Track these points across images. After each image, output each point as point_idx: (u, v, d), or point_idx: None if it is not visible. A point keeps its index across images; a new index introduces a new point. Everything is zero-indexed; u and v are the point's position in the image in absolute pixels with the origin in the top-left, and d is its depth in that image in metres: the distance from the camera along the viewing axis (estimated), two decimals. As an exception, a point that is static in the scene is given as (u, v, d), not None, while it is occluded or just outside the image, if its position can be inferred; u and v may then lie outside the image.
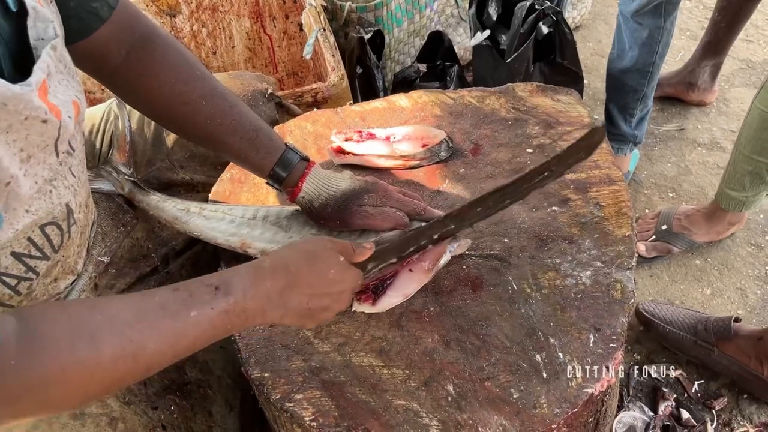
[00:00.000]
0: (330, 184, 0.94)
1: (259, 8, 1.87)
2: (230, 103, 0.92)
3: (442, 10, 2.17)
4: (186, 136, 0.99)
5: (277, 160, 0.93)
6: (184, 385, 1.01)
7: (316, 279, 0.74)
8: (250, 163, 0.94)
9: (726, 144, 2.10)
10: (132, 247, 1.03)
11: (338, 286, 0.76)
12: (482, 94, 1.25)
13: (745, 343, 1.44)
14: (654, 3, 1.67)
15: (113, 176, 1.05)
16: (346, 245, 0.80)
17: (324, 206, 0.93)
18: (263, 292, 0.69)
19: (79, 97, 0.76)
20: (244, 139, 0.92)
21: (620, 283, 0.92)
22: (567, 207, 1.03)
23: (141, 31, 0.89)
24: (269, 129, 0.95)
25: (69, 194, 0.78)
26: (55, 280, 0.84)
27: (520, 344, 0.86)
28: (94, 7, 0.81)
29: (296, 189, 0.94)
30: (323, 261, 0.76)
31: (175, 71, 0.89)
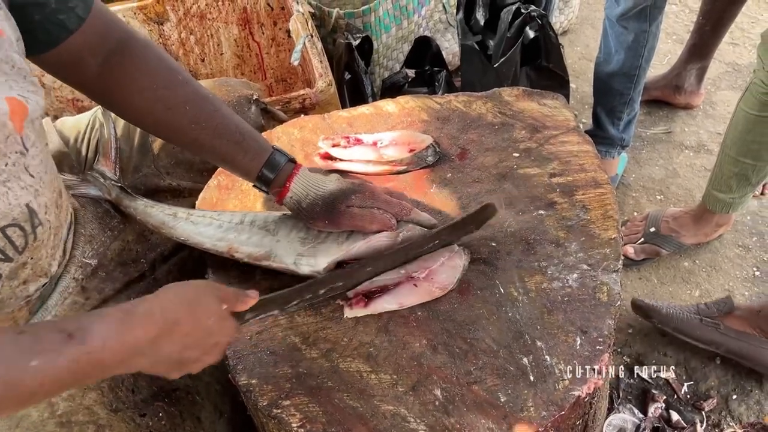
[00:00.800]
0: (318, 185, 0.94)
1: (247, 15, 1.88)
2: (214, 106, 0.91)
3: (429, 15, 2.18)
4: (171, 141, 0.98)
5: (264, 161, 0.93)
6: (173, 391, 1.01)
7: (192, 328, 0.69)
8: (237, 165, 0.94)
9: (713, 146, 2.12)
10: (122, 250, 1.03)
11: (213, 338, 0.73)
12: (469, 99, 1.25)
13: (748, 316, 1.46)
14: (639, 7, 1.68)
15: (100, 181, 1.05)
16: (228, 292, 0.76)
17: (312, 206, 0.93)
18: (131, 342, 0.63)
19: (27, 97, 0.75)
20: (230, 141, 0.91)
21: (606, 286, 0.92)
22: (553, 210, 1.04)
23: (117, 37, 0.88)
24: (254, 131, 0.95)
25: (28, 195, 0.78)
26: (24, 282, 0.84)
27: (508, 348, 0.87)
28: (61, 19, 0.81)
29: (284, 189, 0.93)
30: (204, 307, 0.71)
31: (156, 76, 0.88)
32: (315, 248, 0.93)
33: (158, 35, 1.82)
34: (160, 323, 0.66)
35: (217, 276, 1.00)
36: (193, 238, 0.98)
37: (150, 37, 1.81)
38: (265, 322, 0.91)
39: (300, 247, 0.93)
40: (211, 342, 0.72)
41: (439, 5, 2.19)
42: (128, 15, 1.75)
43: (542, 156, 1.13)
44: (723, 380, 1.50)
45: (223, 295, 0.74)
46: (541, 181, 1.08)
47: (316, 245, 0.93)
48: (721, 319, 1.47)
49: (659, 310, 1.52)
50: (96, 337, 0.60)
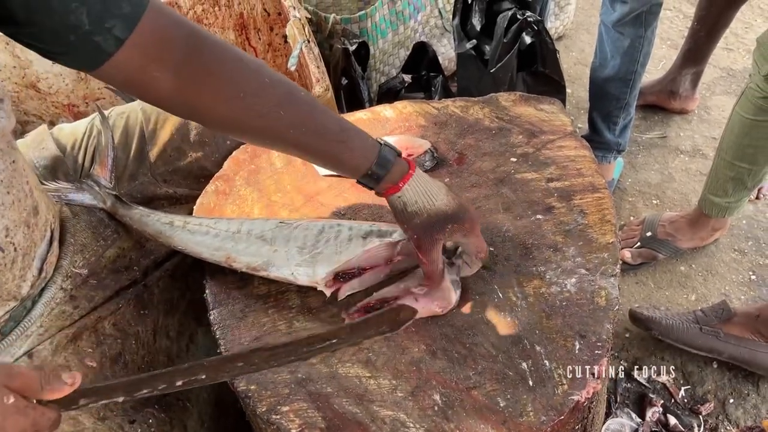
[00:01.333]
0: (429, 194, 0.87)
1: (244, 21, 1.88)
2: (310, 105, 0.83)
3: (426, 21, 2.19)
4: (272, 147, 0.91)
5: (375, 159, 0.85)
6: (163, 397, 1.00)
7: None
8: (344, 165, 0.87)
9: (708, 151, 2.13)
10: (117, 257, 1.02)
11: None
12: (466, 104, 1.26)
13: (746, 321, 1.47)
14: (635, 13, 1.69)
15: (95, 190, 1.05)
16: (28, 380, 0.63)
17: (414, 215, 0.87)
18: None
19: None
20: (334, 141, 0.84)
21: (605, 290, 0.93)
22: (551, 215, 1.04)
23: (182, 44, 0.75)
24: (355, 126, 0.87)
25: None
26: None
27: (506, 352, 0.87)
28: (96, 42, 0.70)
29: (395, 188, 0.87)
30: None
31: (239, 82, 0.78)
32: (313, 258, 0.92)
33: (155, 41, 1.81)
34: None
35: (214, 282, 1.00)
36: (190, 247, 0.98)
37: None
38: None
39: (298, 257, 0.93)
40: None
41: (435, 11, 2.20)
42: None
43: (539, 161, 1.13)
44: (720, 384, 1.50)
45: (18, 384, 0.62)
46: (538, 185, 1.09)
47: (314, 255, 0.93)
48: (720, 326, 1.47)
49: (659, 322, 1.52)
50: None
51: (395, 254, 0.95)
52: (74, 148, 1.13)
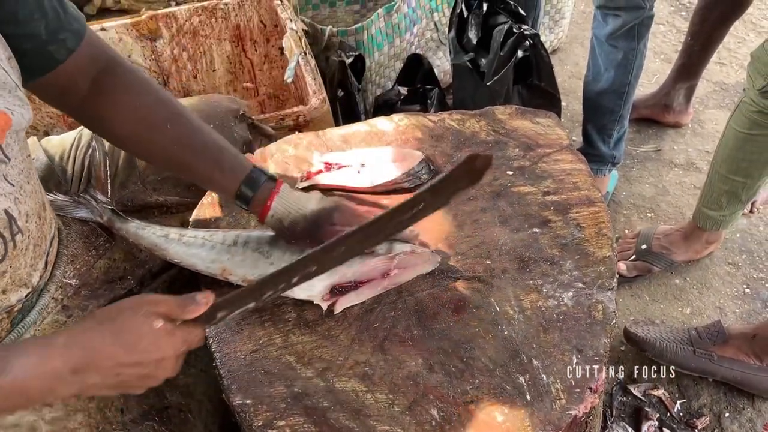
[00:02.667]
0: (299, 203, 0.94)
1: (240, 32, 1.88)
2: (194, 125, 0.93)
3: (421, 34, 2.20)
4: (152, 160, 1.00)
5: (243, 179, 0.94)
6: (164, 409, 0.99)
7: (122, 352, 0.68)
8: (216, 183, 0.96)
9: (701, 164, 2.14)
10: (109, 268, 1.02)
11: (154, 355, 0.70)
12: (463, 117, 1.26)
13: (741, 343, 1.46)
14: (627, 26, 1.71)
15: (92, 204, 1.05)
16: (169, 304, 0.73)
17: (294, 225, 0.93)
18: (51, 372, 0.64)
19: (12, 110, 0.76)
20: (209, 159, 0.93)
21: (602, 304, 0.93)
22: (547, 228, 1.04)
23: (104, 62, 0.91)
24: (235, 150, 0.96)
25: (7, 201, 0.78)
26: (3, 291, 0.83)
27: (504, 367, 0.86)
28: (50, 51, 0.84)
29: (265, 208, 0.94)
30: (131, 332, 0.69)
31: (139, 98, 0.91)
32: None
33: (151, 52, 1.82)
34: (78, 354, 0.66)
35: (210, 294, 0.99)
36: (186, 260, 0.98)
37: (142, 53, 1.81)
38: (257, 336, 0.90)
39: (294, 270, 0.92)
40: (152, 359, 0.70)
41: (430, 24, 2.21)
42: (121, 32, 1.75)
43: (536, 174, 1.13)
44: (715, 398, 1.50)
45: (162, 310, 0.72)
46: (535, 199, 1.09)
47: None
48: (714, 349, 1.47)
49: (653, 344, 1.52)
50: (18, 365, 0.63)
51: (392, 268, 0.94)
52: (63, 159, 1.14)
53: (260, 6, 1.84)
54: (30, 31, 0.80)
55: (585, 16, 2.87)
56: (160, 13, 1.77)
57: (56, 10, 0.83)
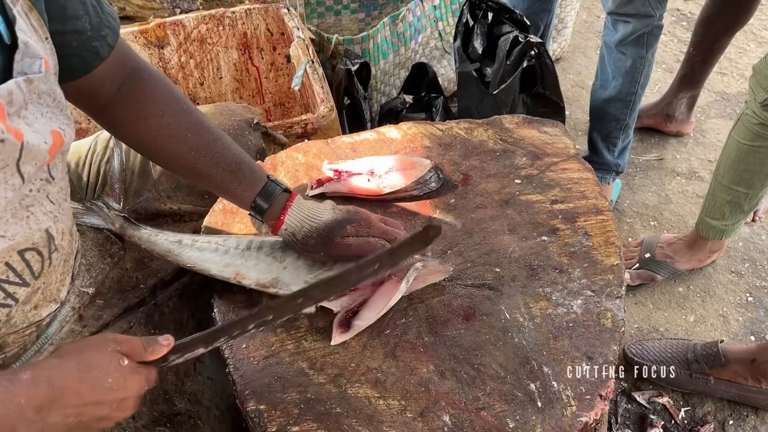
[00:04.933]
0: (312, 216, 0.95)
1: (247, 40, 1.90)
2: (214, 135, 0.94)
3: (426, 42, 2.21)
4: (171, 168, 1.00)
5: (258, 191, 0.95)
6: (174, 416, 1.00)
7: (87, 391, 0.66)
8: (233, 194, 0.96)
9: (704, 173, 2.16)
10: (121, 278, 1.02)
11: (118, 394, 0.69)
12: (470, 126, 1.27)
13: (739, 367, 1.47)
14: (637, 33, 1.72)
15: (104, 211, 1.05)
16: (133, 344, 0.72)
17: (307, 238, 0.94)
18: (14, 408, 0.61)
19: (65, 129, 0.76)
20: (226, 170, 0.94)
21: (610, 312, 0.94)
22: (556, 237, 1.05)
23: (132, 66, 0.92)
24: (252, 161, 0.97)
25: (48, 220, 0.78)
26: (35, 307, 0.84)
27: (515, 373, 0.87)
28: (95, 47, 0.84)
29: (278, 222, 0.95)
30: (98, 369, 0.67)
31: (163, 104, 0.91)
32: (322, 275, 0.93)
33: (158, 59, 1.83)
34: (44, 391, 0.63)
35: (222, 301, 1.00)
36: (199, 264, 0.98)
37: (150, 60, 1.82)
38: None
39: (307, 275, 0.94)
40: (116, 398, 0.69)
41: (435, 33, 2.23)
42: (129, 39, 1.76)
43: (543, 183, 1.15)
44: (719, 406, 1.51)
45: (127, 348, 0.71)
46: (543, 207, 1.10)
47: (323, 272, 0.94)
48: (711, 372, 1.49)
49: (649, 368, 1.54)
50: None
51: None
52: (78, 166, 1.14)
53: (267, 14, 1.86)
54: (77, 27, 0.81)
55: (587, 25, 2.89)
56: (167, 21, 1.78)
57: (95, 7, 0.84)
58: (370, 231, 0.95)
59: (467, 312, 0.95)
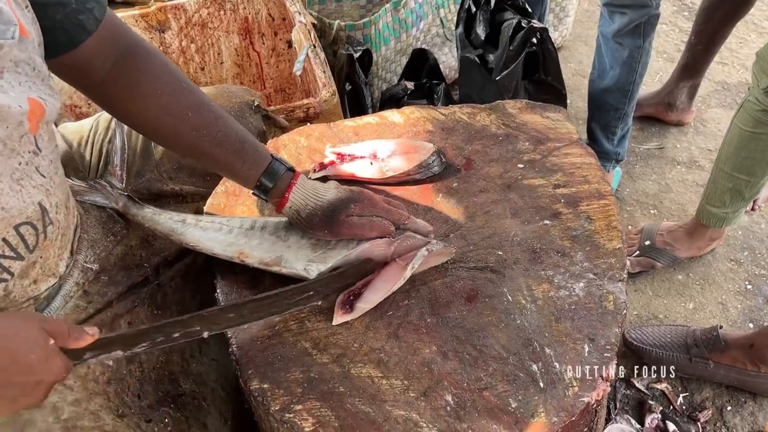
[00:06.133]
0: (316, 194, 0.95)
1: (248, 25, 1.89)
2: (216, 114, 0.93)
3: (427, 29, 2.21)
4: (172, 147, 0.99)
5: (263, 170, 0.94)
6: (179, 396, 1.00)
7: (8, 363, 0.61)
8: (236, 173, 0.95)
9: (704, 162, 2.16)
10: (125, 255, 1.02)
11: (34, 377, 0.64)
12: (473, 111, 1.27)
13: (738, 353, 1.48)
14: (634, 23, 1.72)
15: (107, 190, 1.05)
16: (59, 327, 0.68)
17: (311, 216, 0.94)
18: None
19: (46, 99, 0.76)
20: (230, 150, 0.93)
21: (612, 295, 0.94)
22: (558, 221, 1.05)
23: (126, 43, 0.90)
24: (255, 140, 0.96)
25: (40, 194, 0.78)
26: (34, 282, 0.84)
27: (517, 354, 0.88)
28: (80, 20, 0.82)
29: (283, 199, 0.95)
30: (24, 342, 0.63)
31: (161, 83, 0.90)
32: (325, 254, 0.93)
33: (159, 43, 1.82)
34: None
35: (225, 282, 1.00)
36: (202, 243, 0.98)
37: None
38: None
39: (311, 253, 0.94)
40: (31, 381, 0.64)
41: (436, 20, 2.22)
42: (130, 22, 1.75)
43: (546, 167, 1.15)
44: (718, 392, 1.52)
45: (52, 329, 0.67)
46: (545, 191, 1.10)
47: (326, 251, 0.94)
48: (710, 356, 1.50)
49: (649, 353, 1.55)
50: None
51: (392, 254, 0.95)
52: (80, 145, 1.14)
53: (269, -1, 1.85)
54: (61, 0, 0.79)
55: (589, 14, 2.88)
56: (168, 5, 1.77)
57: None
58: (374, 210, 0.95)
59: (470, 294, 0.96)
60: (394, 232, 0.95)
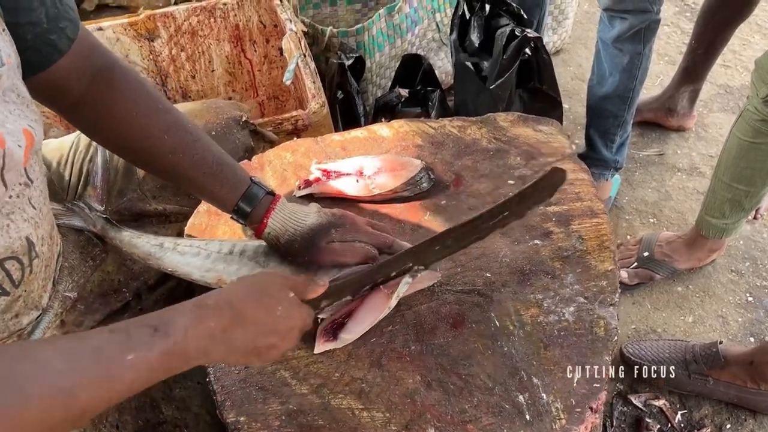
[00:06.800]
0: (296, 219, 0.92)
1: (239, 32, 1.86)
2: (194, 136, 0.90)
3: (423, 34, 2.17)
4: (149, 170, 0.97)
5: (241, 194, 0.92)
6: (160, 425, 0.98)
7: (263, 316, 0.71)
8: (214, 197, 0.93)
9: (705, 169, 2.12)
10: (102, 281, 1.00)
11: (286, 323, 0.73)
12: (463, 124, 1.24)
13: (738, 369, 1.45)
14: (634, 29, 1.68)
15: (85, 212, 1.02)
16: (297, 281, 0.78)
17: (291, 242, 0.91)
18: (206, 332, 0.65)
19: (34, 127, 0.73)
20: (207, 173, 0.90)
21: (603, 320, 0.91)
22: (549, 240, 1.02)
23: (101, 63, 0.87)
24: (234, 163, 0.93)
25: (29, 227, 0.76)
26: (16, 315, 0.82)
27: (503, 384, 0.85)
28: (52, 40, 0.79)
29: (261, 225, 0.92)
30: (271, 297, 0.73)
31: (137, 104, 0.88)
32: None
33: (149, 51, 1.79)
34: (228, 314, 0.67)
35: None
36: (180, 268, 0.96)
37: (140, 53, 1.79)
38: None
39: (291, 279, 0.91)
40: (284, 328, 0.73)
41: (432, 24, 2.19)
42: (119, 31, 1.73)
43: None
44: (717, 409, 1.48)
45: (292, 284, 0.76)
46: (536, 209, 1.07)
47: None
48: (710, 373, 1.46)
49: (647, 369, 1.52)
50: (178, 327, 0.63)
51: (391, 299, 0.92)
52: (60, 165, 1.11)
53: (260, 6, 1.82)
54: (32, 19, 0.76)
55: (589, 16, 2.84)
56: (157, 13, 1.74)
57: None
58: (356, 235, 0.92)
59: (456, 319, 0.93)
60: (377, 256, 0.92)
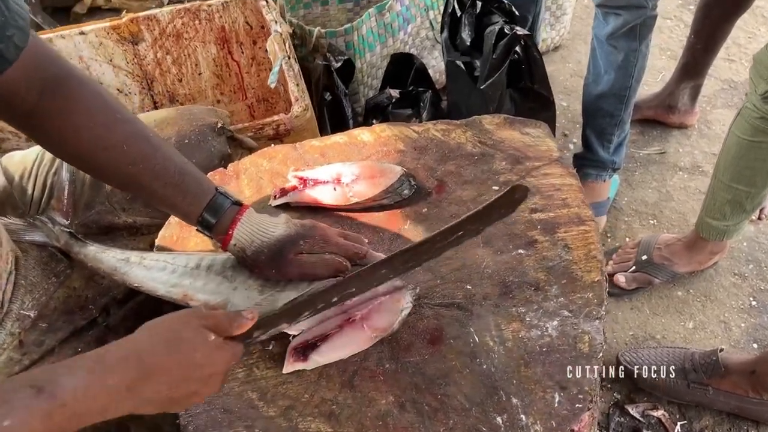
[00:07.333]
0: (263, 230, 0.88)
1: (226, 34, 1.82)
2: (154, 146, 0.86)
3: (416, 33, 2.13)
4: (109, 182, 0.94)
5: (205, 205, 0.88)
6: None
7: (176, 366, 0.65)
8: (177, 208, 0.89)
9: (708, 168, 2.06)
10: (68, 297, 0.96)
11: (206, 370, 0.68)
12: (447, 128, 1.19)
13: (739, 378, 1.40)
14: (629, 26, 1.63)
15: (48, 227, 0.99)
16: (218, 318, 0.71)
17: (258, 254, 0.87)
18: (102, 390, 0.59)
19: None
20: (169, 183, 0.86)
21: (588, 335, 0.86)
22: (533, 249, 0.97)
23: (55, 72, 0.83)
24: (198, 173, 0.90)
25: None
26: None
27: (480, 405, 0.80)
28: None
29: (227, 236, 0.88)
30: (187, 342, 0.67)
31: (93, 114, 0.84)
32: (274, 297, 0.86)
33: (133, 55, 1.76)
34: (135, 367, 0.62)
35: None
36: (146, 284, 0.92)
37: (125, 57, 1.75)
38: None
39: (258, 296, 0.87)
40: (204, 374, 0.68)
41: (425, 22, 2.14)
42: (101, 35, 1.69)
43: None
44: (718, 420, 1.43)
45: (213, 323, 0.70)
46: (521, 217, 1.02)
47: (275, 293, 0.87)
48: (709, 382, 1.41)
49: (645, 378, 1.47)
50: (66, 389, 0.56)
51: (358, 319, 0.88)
52: (23, 178, 1.08)
53: (245, 7, 1.78)
54: None
55: (589, 11, 2.78)
56: (140, 16, 1.71)
57: None
58: (326, 247, 0.88)
59: (433, 335, 0.88)
60: (349, 268, 0.88)
